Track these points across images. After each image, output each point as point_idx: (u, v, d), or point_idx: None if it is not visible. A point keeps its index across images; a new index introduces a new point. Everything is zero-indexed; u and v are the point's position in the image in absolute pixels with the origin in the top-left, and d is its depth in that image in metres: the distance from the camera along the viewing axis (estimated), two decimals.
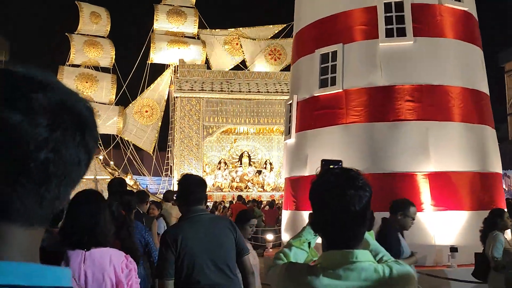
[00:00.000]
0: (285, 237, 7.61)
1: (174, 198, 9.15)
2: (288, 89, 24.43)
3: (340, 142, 6.75)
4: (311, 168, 6.99)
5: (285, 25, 27.38)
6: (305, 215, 7.10)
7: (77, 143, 0.61)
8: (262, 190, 25.14)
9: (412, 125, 6.38)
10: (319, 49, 7.03)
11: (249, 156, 26.37)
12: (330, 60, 6.88)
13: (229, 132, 26.13)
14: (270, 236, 9.77)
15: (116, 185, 4.64)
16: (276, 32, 27.72)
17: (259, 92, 24.16)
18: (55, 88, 0.61)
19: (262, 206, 17.04)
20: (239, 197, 15.04)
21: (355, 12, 6.78)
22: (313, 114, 7.08)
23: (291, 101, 7.60)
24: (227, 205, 17.98)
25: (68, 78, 24.41)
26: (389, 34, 6.52)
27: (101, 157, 24.08)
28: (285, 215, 7.64)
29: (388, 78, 6.50)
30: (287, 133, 7.70)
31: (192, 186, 3.25)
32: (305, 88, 7.27)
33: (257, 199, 19.83)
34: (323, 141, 6.90)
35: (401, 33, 6.50)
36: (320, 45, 7.05)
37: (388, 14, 6.54)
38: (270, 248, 8.86)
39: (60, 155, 0.59)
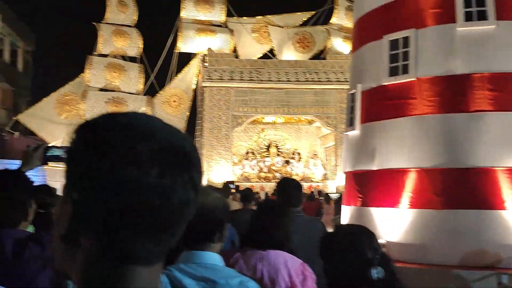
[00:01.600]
0: None
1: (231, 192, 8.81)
2: (318, 78, 24.00)
3: (412, 134, 6.34)
4: (380, 162, 6.60)
5: (314, 12, 26.87)
6: (374, 211, 6.72)
7: (184, 183, 0.64)
8: None
9: (493, 116, 5.93)
10: (388, 35, 6.59)
11: (276, 146, 26.04)
12: (401, 46, 6.45)
13: (256, 122, 25.80)
14: None
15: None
16: (304, 19, 27.18)
17: (289, 81, 23.71)
18: (158, 132, 0.64)
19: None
20: (311, 195, 14.52)
21: None
22: (382, 104, 6.66)
23: (354, 91, 7.18)
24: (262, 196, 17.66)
25: (96, 68, 24.27)
26: (468, 17, 6.06)
27: None
28: (347, 211, 7.27)
29: (466, 65, 6.05)
30: (349, 124, 7.29)
31: (292, 189, 3.50)
32: (371, 77, 6.85)
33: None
34: (393, 133, 6.50)
35: (482, 16, 6.03)
36: (389, 30, 6.61)
37: None
38: None
39: (171, 200, 0.63)
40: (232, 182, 16.70)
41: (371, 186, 6.74)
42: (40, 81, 30.49)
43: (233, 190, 14.40)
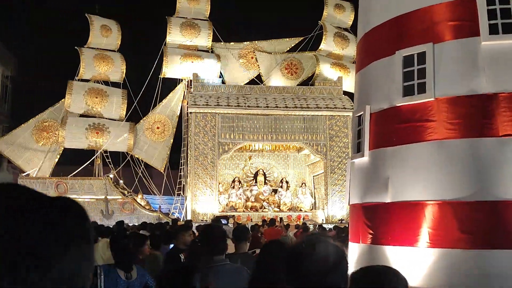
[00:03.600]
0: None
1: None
2: (307, 105, 23.37)
3: (431, 162, 5.54)
4: (395, 193, 5.76)
5: (302, 38, 26.48)
6: (388, 250, 5.84)
7: None
8: (279, 210, 23.97)
9: None
10: (401, 51, 5.86)
11: (264, 175, 25.22)
12: (416, 63, 5.73)
13: (243, 149, 25.03)
14: None
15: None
16: (292, 45, 26.80)
17: (277, 107, 23.06)
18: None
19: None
20: (272, 220, 13.73)
21: (446, 5, 5.65)
22: (395, 128, 5.87)
23: (361, 113, 6.39)
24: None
25: (77, 93, 23.35)
26: (493, 31, 5.39)
27: (111, 175, 22.86)
28: (355, 249, 6.37)
29: (493, 83, 5.33)
30: (356, 150, 6.47)
31: (216, 238, 3.38)
32: (382, 97, 6.08)
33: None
34: (409, 160, 5.69)
35: (509, 29, 5.36)
36: (402, 45, 5.89)
37: (491, 7, 5.42)
38: None
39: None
40: (225, 217, 15.73)
41: (384, 221, 5.88)
42: (20, 107, 29.30)
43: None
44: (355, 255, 6.35)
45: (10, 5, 31.81)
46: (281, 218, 18.91)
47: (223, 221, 13.38)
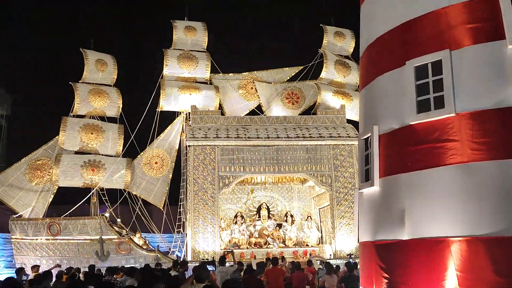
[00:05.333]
0: None
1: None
2: (310, 134, 22.54)
3: (455, 189, 4.61)
4: (413, 229, 4.80)
5: (301, 67, 25.90)
6: None
7: None
8: (284, 245, 22.77)
9: None
10: (412, 61, 5.02)
11: (267, 208, 24.13)
12: (431, 73, 4.88)
13: (245, 182, 24.05)
14: None
15: None
16: (292, 75, 26.16)
17: (278, 137, 22.18)
18: None
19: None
20: (274, 259, 12.64)
21: (463, 5, 4.83)
22: (409, 151, 4.97)
23: (368, 135, 5.49)
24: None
25: (72, 130, 22.61)
26: None
27: (107, 214, 21.83)
28: None
29: None
30: (364, 178, 5.54)
31: None
32: (392, 115, 5.20)
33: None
34: (428, 188, 4.76)
35: None
36: (413, 54, 5.05)
37: None
38: None
39: None
40: (211, 263, 14.56)
41: (401, 262, 4.89)
42: (15, 147, 28.60)
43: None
44: None
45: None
46: (283, 257, 17.78)
47: (210, 268, 12.27)
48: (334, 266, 13.76)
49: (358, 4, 6.38)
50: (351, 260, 17.33)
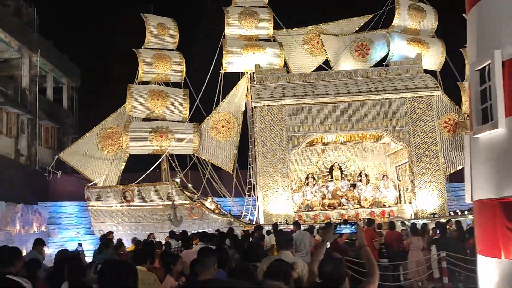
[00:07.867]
0: None
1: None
2: (383, 87, 20.91)
3: None
4: None
5: (371, 16, 23.94)
6: None
7: None
8: (359, 206, 21.71)
9: None
10: None
11: (340, 169, 23.00)
12: None
13: (315, 142, 23.00)
14: None
15: None
16: (361, 25, 24.31)
17: (349, 93, 20.78)
18: None
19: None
20: (370, 220, 11.82)
21: None
22: None
23: (485, 64, 4.27)
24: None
25: (138, 97, 22.47)
26: None
27: (178, 180, 21.72)
28: (491, 266, 4.24)
29: None
30: (481, 120, 4.36)
31: None
32: None
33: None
34: None
35: None
36: None
37: None
38: None
39: None
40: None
41: None
42: (86, 117, 29.23)
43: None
44: (495, 276, 4.19)
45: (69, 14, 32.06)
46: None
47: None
48: (420, 227, 12.60)
49: None
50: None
